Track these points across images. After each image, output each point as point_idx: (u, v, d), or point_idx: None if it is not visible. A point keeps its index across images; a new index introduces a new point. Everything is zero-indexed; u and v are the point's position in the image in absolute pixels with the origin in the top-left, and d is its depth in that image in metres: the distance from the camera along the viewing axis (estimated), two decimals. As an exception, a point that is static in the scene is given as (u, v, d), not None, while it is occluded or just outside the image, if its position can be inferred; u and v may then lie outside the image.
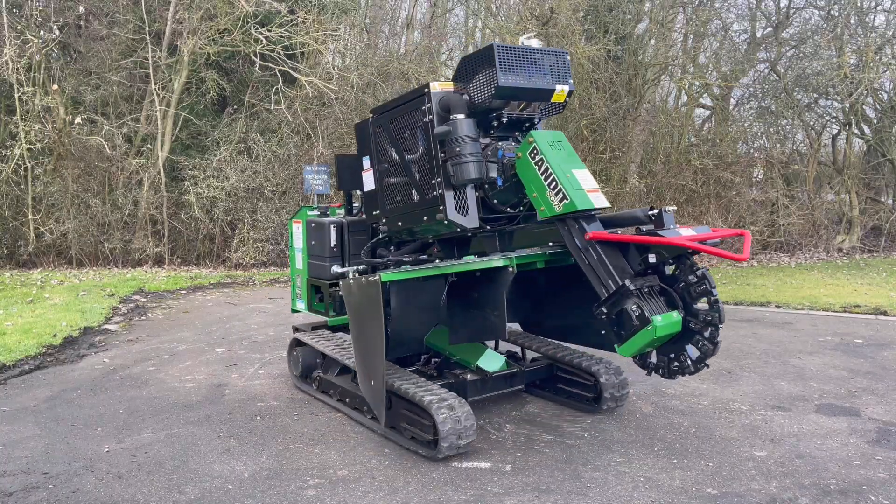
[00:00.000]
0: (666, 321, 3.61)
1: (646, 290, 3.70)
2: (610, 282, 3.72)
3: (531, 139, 4.03)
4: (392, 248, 5.13)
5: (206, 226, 12.47)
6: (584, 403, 4.91)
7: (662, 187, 13.40)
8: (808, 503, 3.54)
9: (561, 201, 3.86)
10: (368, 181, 4.86)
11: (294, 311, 6.00)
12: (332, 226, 5.36)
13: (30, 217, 12.03)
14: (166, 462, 4.12)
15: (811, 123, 14.58)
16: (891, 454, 4.12)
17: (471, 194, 4.27)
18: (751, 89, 14.77)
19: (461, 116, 4.09)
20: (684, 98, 15.32)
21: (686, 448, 4.24)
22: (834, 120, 14.63)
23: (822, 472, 3.88)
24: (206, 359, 6.47)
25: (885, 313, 8.14)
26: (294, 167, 12.82)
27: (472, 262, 4.11)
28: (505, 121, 4.35)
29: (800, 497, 3.59)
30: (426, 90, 4.24)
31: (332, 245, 5.35)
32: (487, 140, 4.32)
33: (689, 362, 3.71)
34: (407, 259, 4.83)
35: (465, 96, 4.19)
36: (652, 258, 3.68)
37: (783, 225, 13.43)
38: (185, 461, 4.14)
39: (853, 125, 14.03)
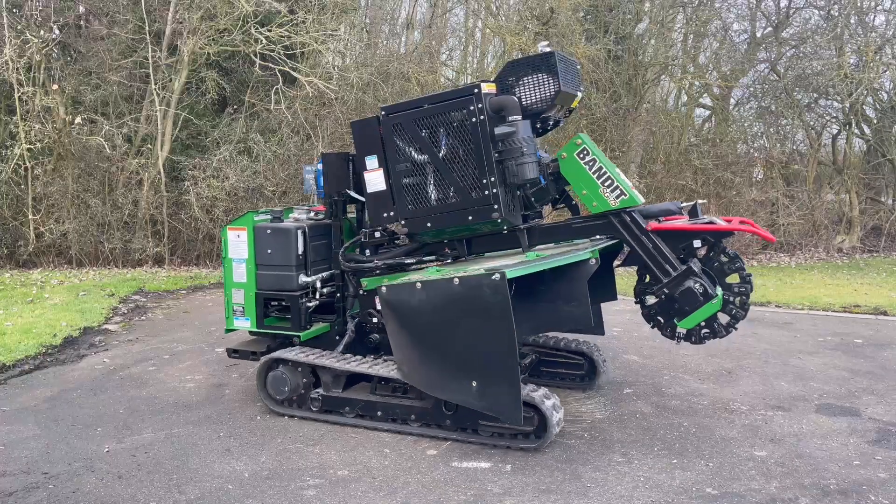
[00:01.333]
0: (721, 294, 4.24)
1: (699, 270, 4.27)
2: (668, 266, 4.24)
3: (579, 141, 4.39)
4: (367, 251, 4.99)
5: (206, 226, 12.46)
6: (575, 381, 5.35)
7: (662, 187, 13.38)
8: (808, 503, 3.54)
9: (618, 197, 4.29)
10: (375, 182, 4.69)
11: (230, 330, 5.24)
12: (299, 231, 4.91)
13: (30, 217, 12.01)
14: (166, 462, 4.13)
15: (811, 123, 14.56)
16: (891, 454, 4.12)
17: (515, 193, 4.50)
18: (751, 89, 14.76)
19: (519, 118, 4.24)
20: (684, 98, 15.33)
21: (686, 448, 4.25)
22: (834, 120, 14.62)
23: (822, 472, 3.88)
24: (206, 359, 6.47)
25: (885, 313, 8.14)
26: (294, 167, 12.81)
27: (564, 256, 4.10)
28: (551, 123, 4.63)
29: (800, 497, 3.60)
30: (476, 90, 4.32)
31: (300, 252, 4.91)
32: None
33: (721, 327, 4.36)
34: (409, 261, 4.78)
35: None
36: (697, 243, 4.26)
37: (783, 225, 13.42)
38: (185, 461, 4.14)
39: (853, 125, 14.01)
